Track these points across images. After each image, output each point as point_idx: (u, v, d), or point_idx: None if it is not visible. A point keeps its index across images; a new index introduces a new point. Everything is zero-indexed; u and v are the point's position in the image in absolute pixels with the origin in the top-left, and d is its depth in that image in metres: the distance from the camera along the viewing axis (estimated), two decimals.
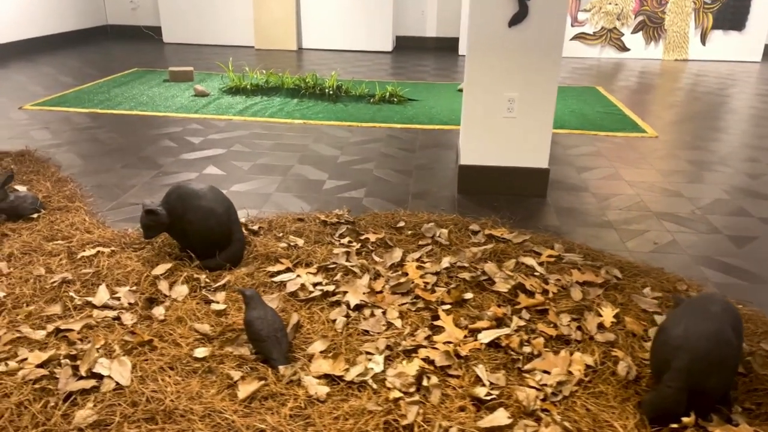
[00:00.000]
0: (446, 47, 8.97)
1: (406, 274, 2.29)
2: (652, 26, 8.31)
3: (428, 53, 8.52)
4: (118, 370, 1.74)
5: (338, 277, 2.27)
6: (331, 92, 5.53)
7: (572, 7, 8.36)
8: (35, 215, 2.77)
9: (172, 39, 8.88)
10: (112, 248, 2.49)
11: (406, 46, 8.87)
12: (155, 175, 3.47)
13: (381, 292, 2.17)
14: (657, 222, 2.95)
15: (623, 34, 8.39)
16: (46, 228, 2.66)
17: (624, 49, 8.44)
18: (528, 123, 3.14)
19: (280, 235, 2.64)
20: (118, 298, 2.13)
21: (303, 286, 2.20)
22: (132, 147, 3.98)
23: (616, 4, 8.29)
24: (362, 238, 2.62)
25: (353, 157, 3.91)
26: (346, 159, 3.86)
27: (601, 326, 1.98)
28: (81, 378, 1.71)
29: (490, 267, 2.30)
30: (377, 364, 1.79)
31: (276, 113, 5.01)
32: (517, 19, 2.96)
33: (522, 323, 1.97)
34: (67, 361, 1.75)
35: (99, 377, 1.72)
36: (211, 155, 3.86)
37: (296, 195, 3.24)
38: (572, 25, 8.43)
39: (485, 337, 1.90)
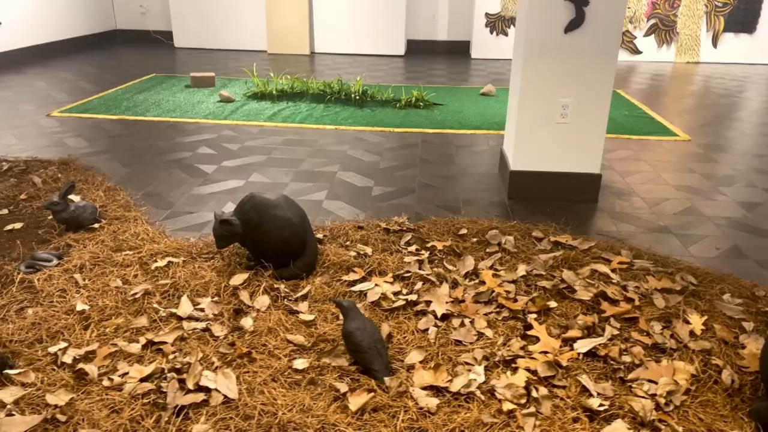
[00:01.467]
0: (457, 51, 8.99)
1: (483, 283, 2.29)
2: (664, 29, 8.37)
3: (440, 57, 8.53)
4: (224, 383, 1.73)
5: (418, 286, 2.26)
6: (357, 97, 5.53)
7: None
8: (96, 225, 2.75)
9: (183, 44, 8.85)
10: (182, 258, 2.48)
11: (417, 49, 8.88)
12: (201, 183, 3.46)
13: (463, 301, 2.17)
14: (714, 227, 2.97)
15: (636, 37, 8.44)
16: (110, 238, 2.64)
17: (636, 51, 8.49)
18: (581, 128, 3.15)
19: (347, 243, 2.63)
20: (202, 309, 2.12)
21: (384, 296, 2.20)
22: (171, 154, 3.97)
23: (629, 8, 8.33)
24: (429, 245, 2.62)
25: (394, 162, 3.91)
26: (388, 165, 3.86)
27: (692, 334, 1.99)
28: (189, 391, 1.70)
29: (568, 275, 2.31)
30: (478, 375, 1.79)
31: (306, 119, 5.01)
32: (573, 25, 2.97)
33: (615, 332, 1.98)
34: (173, 374, 1.74)
35: (206, 390, 1.71)
36: (251, 162, 3.85)
37: (347, 202, 3.23)
38: None
39: (582, 346, 1.90)
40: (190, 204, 3.16)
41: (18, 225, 2.79)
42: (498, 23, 8.45)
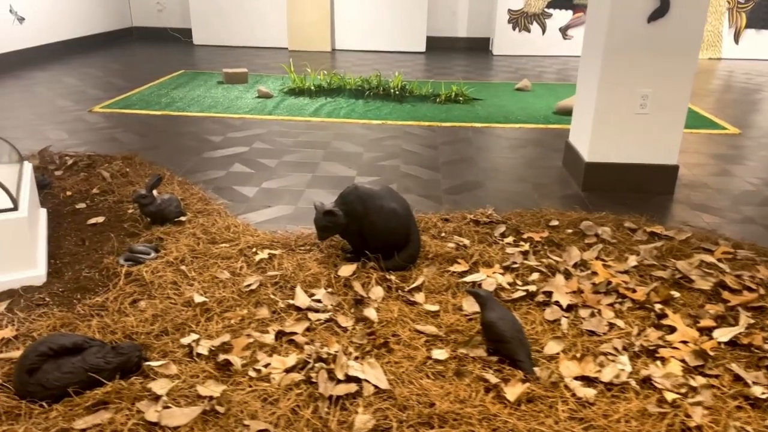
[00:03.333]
0: (477, 47, 8.97)
1: (595, 273, 2.26)
2: None
3: (460, 53, 8.51)
4: (373, 374, 1.69)
5: (533, 276, 2.23)
6: (396, 92, 5.49)
7: None
8: (183, 219, 2.70)
9: (202, 41, 8.79)
10: (280, 250, 2.43)
11: (437, 46, 8.85)
12: (268, 178, 3.41)
13: (581, 292, 2.14)
14: None
15: None
16: (201, 231, 2.59)
17: None
18: (660, 119, 3.13)
19: (442, 235, 2.60)
20: (319, 300, 2.08)
21: (501, 287, 2.16)
22: (227, 149, 3.92)
23: None
24: (525, 237, 2.59)
25: (453, 156, 3.88)
26: (448, 159, 3.83)
27: None
28: (339, 382, 1.66)
29: (682, 264, 2.28)
30: (625, 365, 1.76)
31: (349, 114, 4.97)
32: (657, 15, 2.94)
33: (750, 321, 1.95)
34: (322, 364, 1.70)
35: (356, 380, 1.67)
36: (311, 156, 3.80)
37: (419, 195, 3.20)
38: None
39: (722, 335, 1.87)
40: (265, 198, 3.11)
41: (100, 219, 2.73)
42: (521, 19, 8.44)
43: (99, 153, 3.66)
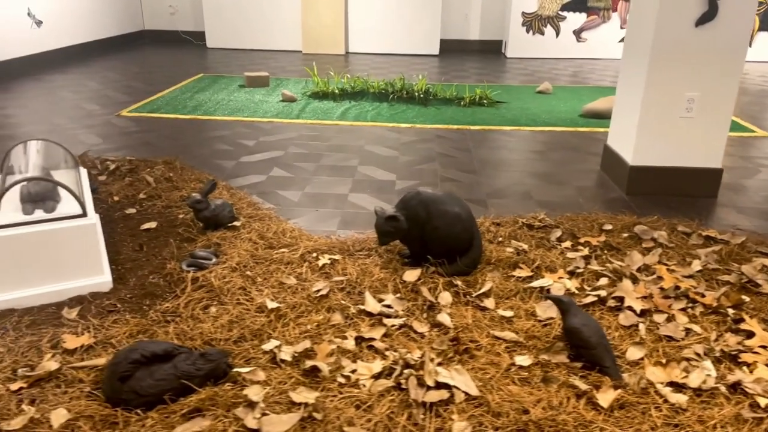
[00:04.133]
0: (490, 50, 8.99)
1: (661, 278, 2.26)
2: None
3: (473, 56, 8.52)
4: (461, 380, 1.69)
5: (602, 282, 2.23)
6: (421, 95, 5.49)
7: (622, 9, 8.43)
8: (237, 223, 2.70)
9: (216, 44, 8.78)
10: (339, 255, 2.43)
11: (449, 49, 8.85)
12: (310, 182, 3.41)
13: (652, 296, 2.14)
14: None
15: None
16: (257, 236, 2.59)
17: None
18: (705, 123, 3.14)
19: (500, 239, 2.60)
20: (389, 306, 2.08)
21: (570, 292, 2.16)
22: (263, 153, 3.91)
23: None
24: (582, 241, 2.59)
25: (488, 159, 3.88)
26: (484, 162, 3.83)
27: None
28: (429, 388, 1.66)
29: (747, 269, 2.29)
30: (710, 370, 1.76)
31: (376, 117, 4.97)
32: (705, 19, 2.95)
33: None
34: (411, 371, 1.70)
35: (445, 387, 1.67)
36: (348, 160, 3.80)
37: (465, 199, 3.19)
38: (621, 27, 8.49)
39: None
40: (310, 202, 3.11)
41: (153, 224, 2.73)
42: (534, 22, 8.45)
43: (136, 157, 3.65)
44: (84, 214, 2.10)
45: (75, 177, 2.43)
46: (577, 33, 8.51)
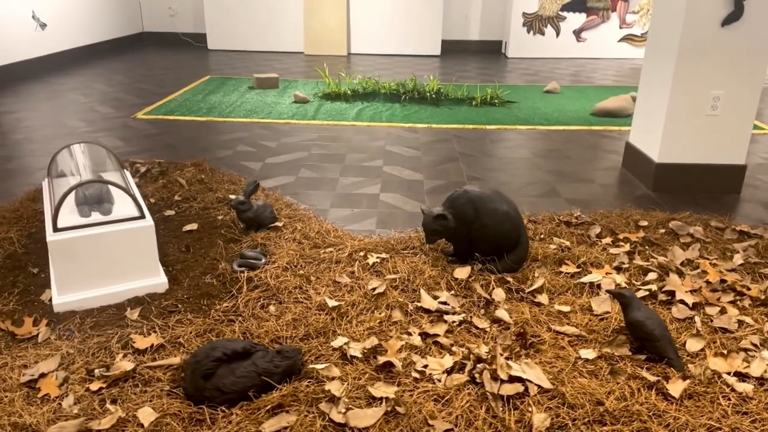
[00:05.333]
0: (489, 50, 9.05)
1: (705, 272, 2.32)
2: None
3: (474, 56, 8.58)
4: (533, 374, 1.73)
5: (651, 276, 2.28)
6: (432, 96, 5.54)
7: (620, 9, 8.53)
8: (280, 224, 2.72)
9: (217, 46, 8.76)
10: (385, 254, 2.46)
11: (449, 49, 8.90)
12: (340, 183, 3.44)
13: (700, 290, 2.19)
14: None
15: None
16: (301, 236, 2.61)
17: None
18: (729, 120, 3.20)
19: (542, 236, 2.64)
20: (444, 303, 2.11)
21: (617, 286, 2.21)
22: (287, 154, 3.93)
23: (642, 8, 8.48)
24: (621, 237, 2.64)
25: (509, 158, 3.93)
26: (505, 161, 3.88)
27: None
28: (503, 382, 1.69)
29: None
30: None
31: (391, 118, 5.00)
32: (731, 19, 3.02)
33: None
34: (484, 365, 1.73)
35: (518, 380, 1.70)
36: (373, 160, 3.83)
37: None
38: (620, 27, 8.59)
39: None
40: (343, 202, 3.14)
41: (194, 226, 2.74)
42: (535, 22, 8.53)
43: (161, 159, 3.65)
44: (142, 216, 2.12)
45: (122, 179, 2.44)
46: (577, 33, 8.60)
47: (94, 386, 1.67)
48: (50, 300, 2.11)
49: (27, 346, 1.88)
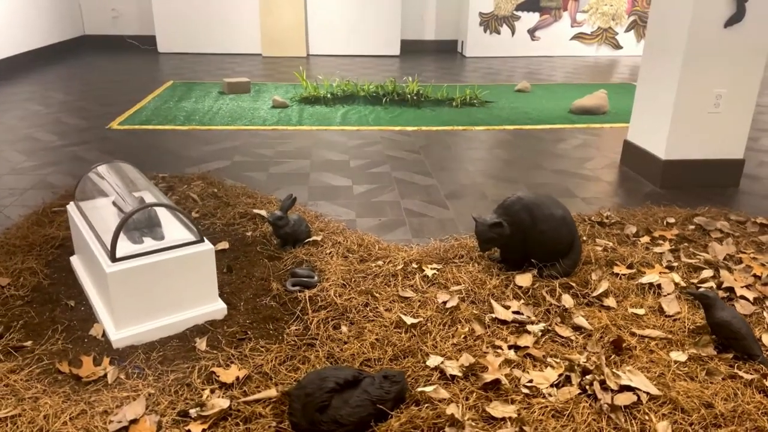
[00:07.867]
0: (445, 50, 9.12)
1: (750, 267, 2.40)
2: (642, 25, 8.88)
3: (430, 56, 8.63)
4: (639, 380, 1.73)
5: (706, 274, 2.33)
6: (414, 97, 5.51)
7: (572, 8, 8.77)
8: (318, 238, 2.62)
9: (168, 49, 8.42)
10: (436, 264, 2.41)
11: (407, 49, 8.89)
12: (356, 191, 3.36)
13: (753, 285, 2.26)
14: None
15: (617, 33, 8.91)
16: (344, 250, 2.53)
17: (618, 47, 8.96)
18: (730, 117, 3.34)
19: (584, 238, 2.66)
20: (518, 312, 2.09)
21: (677, 285, 2.26)
22: (290, 162, 3.82)
23: (611, 5, 8.78)
24: (656, 235, 2.70)
25: (510, 159, 3.96)
26: (508, 161, 3.91)
27: None
28: (613, 392, 1.68)
29: None
30: None
31: (378, 121, 4.95)
32: (733, 20, 3.14)
33: None
34: (594, 376, 1.72)
35: (627, 389, 1.70)
36: (380, 166, 3.77)
37: None
38: (571, 26, 8.84)
39: None
40: (369, 211, 3.07)
41: (225, 244, 2.60)
42: (491, 22, 8.65)
43: (161, 173, 3.46)
44: (201, 240, 1.99)
45: (159, 198, 2.28)
46: (531, 32, 8.78)
47: (196, 429, 1.55)
48: (102, 335, 1.94)
49: (97, 388, 1.72)
